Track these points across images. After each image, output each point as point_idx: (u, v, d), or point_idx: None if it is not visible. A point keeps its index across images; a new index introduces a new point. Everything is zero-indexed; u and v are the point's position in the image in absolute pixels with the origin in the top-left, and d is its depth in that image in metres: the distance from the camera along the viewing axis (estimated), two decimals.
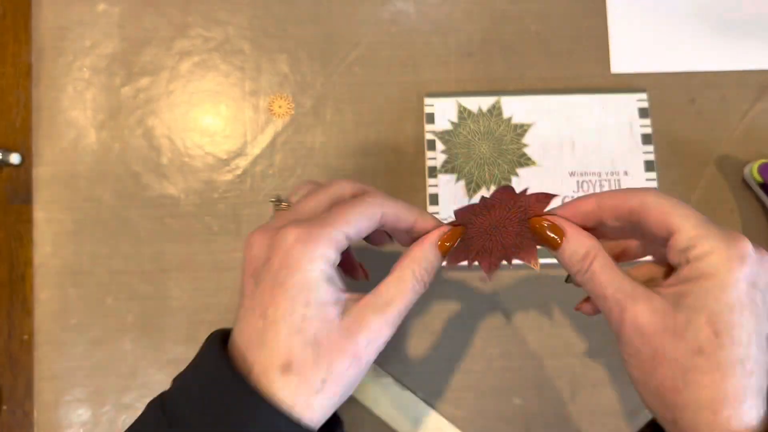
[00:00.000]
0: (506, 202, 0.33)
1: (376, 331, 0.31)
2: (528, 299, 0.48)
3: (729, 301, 0.29)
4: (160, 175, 0.49)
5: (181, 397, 0.31)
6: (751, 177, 0.48)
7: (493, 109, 0.49)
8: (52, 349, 0.47)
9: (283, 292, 0.29)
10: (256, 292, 0.30)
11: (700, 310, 0.29)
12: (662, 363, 0.30)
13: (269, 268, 0.30)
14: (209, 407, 0.29)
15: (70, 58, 0.49)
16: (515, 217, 0.33)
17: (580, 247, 0.33)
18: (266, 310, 0.30)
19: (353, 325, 0.30)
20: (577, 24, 0.50)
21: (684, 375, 0.29)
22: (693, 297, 0.30)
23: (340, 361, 0.30)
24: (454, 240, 0.34)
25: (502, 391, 0.47)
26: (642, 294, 0.31)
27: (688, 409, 0.29)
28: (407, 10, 0.50)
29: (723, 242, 0.30)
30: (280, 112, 0.49)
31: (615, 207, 0.32)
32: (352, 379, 0.31)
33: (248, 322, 0.30)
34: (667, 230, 0.31)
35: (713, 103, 0.50)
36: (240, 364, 0.30)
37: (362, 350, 0.31)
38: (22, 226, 0.49)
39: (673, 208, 0.31)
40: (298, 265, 0.29)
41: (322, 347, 0.29)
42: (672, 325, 0.30)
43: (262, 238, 0.31)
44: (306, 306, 0.29)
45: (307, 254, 0.29)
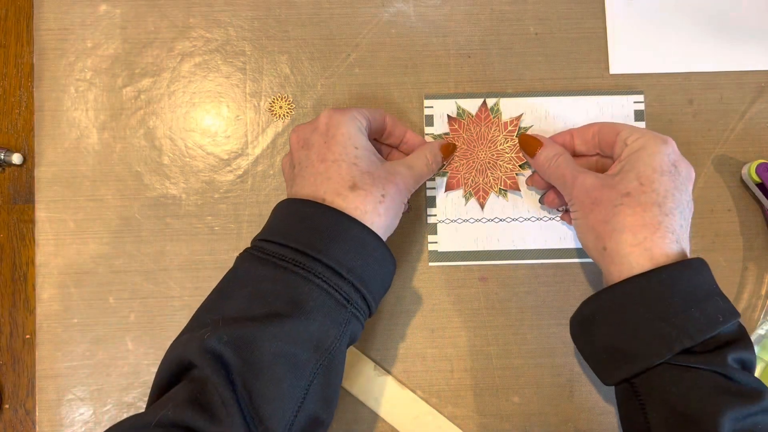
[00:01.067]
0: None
1: (407, 177, 0.41)
2: (527, 299, 0.48)
3: (653, 165, 0.39)
4: (162, 175, 0.49)
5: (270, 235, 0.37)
6: (748, 177, 0.48)
7: (493, 111, 0.49)
8: (53, 348, 0.48)
9: (335, 142, 0.39)
10: (310, 153, 0.39)
11: (631, 170, 0.39)
12: (598, 205, 0.39)
13: (317, 131, 0.39)
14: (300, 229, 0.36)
15: (72, 59, 0.50)
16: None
17: (551, 151, 0.44)
18: (325, 155, 0.38)
19: (391, 169, 0.40)
20: (576, 25, 0.50)
21: (613, 209, 0.38)
22: (627, 163, 0.40)
23: (390, 185, 0.39)
24: (451, 151, 0.47)
25: (502, 389, 0.48)
26: (590, 172, 0.42)
27: (614, 233, 0.38)
28: (407, 11, 0.50)
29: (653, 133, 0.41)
30: (280, 113, 0.50)
31: (582, 133, 0.45)
32: (397, 204, 0.40)
33: (310, 171, 0.39)
34: (616, 133, 0.42)
35: (711, 103, 0.50)
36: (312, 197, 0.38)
37: (401, 186, 0.40)
38: (24, 225, 0.49)
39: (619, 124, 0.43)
40: (340, 122, 0.39)
41: (374, 176, 0.39)
42: (609, 183, 0.40)
43: (304, 125, 0.41)
44: (356, 149, 0.39)
45: (345, 117, 0.40)
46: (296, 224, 0.37)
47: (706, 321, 0.35)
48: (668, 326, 0.35)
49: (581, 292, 0.48)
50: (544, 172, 0.45)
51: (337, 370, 0.36)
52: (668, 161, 0.39)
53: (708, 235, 0.49)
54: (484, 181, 0.49)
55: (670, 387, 0.35)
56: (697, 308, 0.36)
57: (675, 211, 0.38)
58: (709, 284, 0.37)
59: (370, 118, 0.42)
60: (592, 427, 0.47)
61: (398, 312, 0.48)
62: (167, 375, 0.35)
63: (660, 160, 0.39)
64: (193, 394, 0.32)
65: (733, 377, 0.34)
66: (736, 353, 0.35)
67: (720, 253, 0.49)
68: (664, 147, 0.40)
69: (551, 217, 0.49)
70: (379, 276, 0.38)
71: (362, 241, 0.37)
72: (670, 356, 0.35)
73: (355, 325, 0.37)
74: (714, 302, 0.36)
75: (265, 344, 0.33)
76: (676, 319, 0.35)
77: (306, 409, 0.34)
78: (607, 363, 0.38)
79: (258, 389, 0.32)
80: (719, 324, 0.35)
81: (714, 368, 0.35)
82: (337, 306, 0.36)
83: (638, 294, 0.37)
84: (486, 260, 0.49)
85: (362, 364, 0.47)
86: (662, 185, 0.38)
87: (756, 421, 0.34)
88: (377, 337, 0.48)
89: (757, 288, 0.49)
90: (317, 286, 0.35)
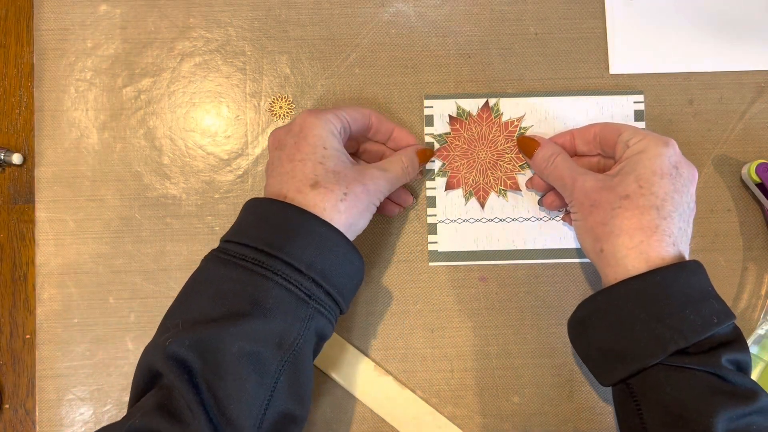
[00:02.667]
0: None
1: (378, 179, 0.41)
2: (527, 299, 0.48)
3: (653, 168, 0.39)
4: (162, 175, 0.49)
5: (233, 236, 0.38)
6: (748, 177, 0.48)
7: (493, 111, 0.49)
8: (54, 348, 0.48)
9: (306, 143, 0.39)
10: (281, 153, 0.39)
11: (631, 173, 0.39)
12: (597, 208, 0.39)
13: (290, 133, 0.40)
14: (260, 228, 0.37)
15: (72, 59, 0.50)
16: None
17: (548, 151, 0.44)
18: (293, 155, 0.39)
19: (362, 170, 0.40)
20: (576, 25, 0.50)
21: (611, 212, 0.38)
22: (627, 165, 0.40)
23: (355, 185, 0.39)
24: (427, 157, 0.47)
25: (502, 389, 0.48)
26: (589, 172, 0.42)
27: (611, 236, 0.38)
28: (407, 11, 0.50)
29: (655, 135, 0.41)
30: (281, 113, 0.50)
31: (583, 134, 0.45)
32: (363, 203, 0.39)
33: (278, 171, 0.39)
34: (618, 134, 0.42)
35: (711, 103, 0.50)
36: (276, 195, 0.38)
37: (370, 187, 0.40)
38: (24, 225, 0.49)
39: (621, 125, 0.43)
40: (313, 125, 0.39)
41: (340, 175, 0.38)
42: (608, 185, 0.40)
43: (280, 128, 0.41)
44: (324, 149, 0.39)
45: (320, 120, 0.39)
46: (257, 223, 0.38)
47: (700, 322, 0.35)
48: (663, 327, 0.36)
49: (581, 292, 0.48)
50: (543, 173, 0.45)
51: (305, 367, 0.36)
52: (669, 164, 0.39)
53: (708, 235, 0.49)
54: (485, 181, 0.49)
55: (664, 387, 0.35)
56: (691, 309, 0.36)
57: (674, 214, 0.38)
58: (705, 286, 0.37)
59: (349, 119, 0.42)
60: (592, 427, 0.47)
61: (398, 312, 0.48)
62: (141, 383, 0.35)
63: (660, 163, 0.39)
64: (161, 401, 0.33)
65: (727, 378, 0.35)
66: (731, 354, 0.35)
67: (720, 253, 0.49)
68: (665, 149, 0.40)
69: (551, 217, 0.49)
70: (343, 271, 0.38)
71: (322, 236, 0.37)
72: (665, 357, 0.36)
73: (320, 321, 0.37)
74: (709, 304, 0.36)
75: (227, 345, 0.33)
76: (671, 321, 0.36)
77: (275, 406, 0.34)
78: (604, 364, 0.39)
79: (223, 390, 0.33)
80: (714, 325, 0.35)
81: (708, 369, 0.35)
82: (297, 302, 0.36)
83: (633, 296, 0.37)
84: (486, 260, 0.49)
85: (362, 364, 0.47)
86: (662, 188, 0.38)
87: (750, 422, 0.34)
88: (377, 337, 0.48)
89: (756, 288, 0.49)
90: (276, 284, 0.35)
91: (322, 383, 0.47)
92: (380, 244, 0.49)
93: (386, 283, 0.48)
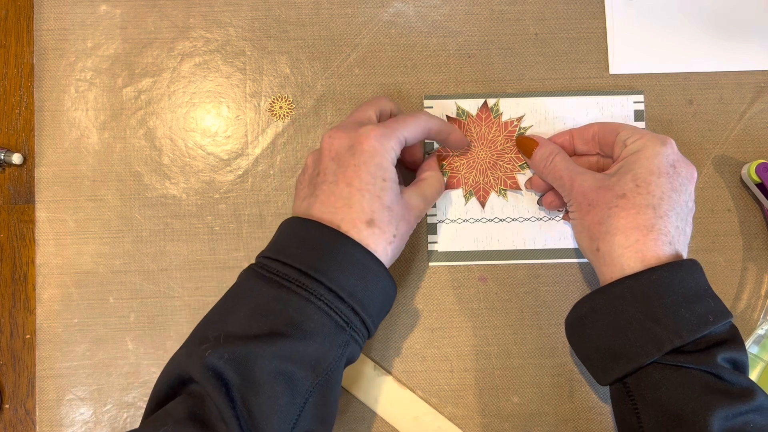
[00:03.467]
0: None
1: (420, 210, 0.42)
2: (527, 299, 0.48)
3: (651, 167, 0.39)
4: (162, 175, 0.49)
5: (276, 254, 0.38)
6: (748, 177, 0.48)
7: (493, 111, 0.49)
8: (54, 348, 0.48)
9: (366, 169, 0.38)
10: (338, 170, 0.39)
11: (628, 172, 0.39)
12: (595, 207, 0.40)
13: (354, 152, 0.39)
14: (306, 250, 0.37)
15: (72, 59, 0.50)
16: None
17: (546, 150, 0.45)
18: (352, 181, 0.38)
19: (408, 202, 0.41)
20: (576, 25, 0.50)
21: (608, 211, 0.39)
22: (625, 164, 0.40)
23: (403, 223, 0.40)
24: (442, 160, 0.48)
25: (502, 389, 0.48)
26: (588, 171, 0.42)
27: (608, 235, 0.38)
28: (407, 11, 0.50)
29: (652, 134, 0.41)
30: (281, 113, 0.50)
31: (582, 133, 0.46)
32: (405, 239, 0.41)
33: (332, 191, 0.38)
34: (616, 133, 0.42)
35: (711, 103, 0.50)
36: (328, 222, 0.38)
37: (414, 223, 0.41)
38: (25, 225, 0.49)
39: (619, 124, 0.44)
40: (377, 152, 0.39)
41: (393, 212, 0.39)
42: (606, 184, 0.40)
43: (343, 134, 0.40)
44: (384, 181, 0.39)
45: (384, 145, 0.39)
46: (302, 244, 0.37)
47: (696, 321, 0.35)
48: (658, 326, 0.36)
49: (581, 292, 0.48)
50: (542, 173, 0.45)
51: (334, 390, 0.36)
52: (666, 163, 0.39)
53: (708, 235, 0.49)
54: (485, 181, 0.49)
55: (660, 386, 0.35)
56: (687, 308, 0.36)
57: (670, 213, 0.38)
58: (701, 285, 0.37)
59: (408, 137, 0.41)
60: (592, 426, 0.47)
61: (398, 312, 0.48)
62: (165, 387, 0.35)
63: (658, 162, 0.39)
64: (192, 410, 0.33)
65: (723, 377, 0.35)
66: (727, 353, 0.35)
67: (720, 253, 0.49)
68: (663, 149, 0.40)
69: (551, 217, 0.49)
70: (379, 301, 0.38)
71: (366, 267, 0.37)
72: (660, 356, 0.36)
73: (353, 348, 0.37)
74: (705, 303, 0.36)
75: (264, 363, 0.34)
76: (666, 319, 0.36)
77: (301, 426, 0.34)
78: (601, 363, 0.39)
79: (257, 406, 0.33)
80: (710, 324, 0.35)
81: (704, 368, 0.35)
82: (336, 329, 0.36)
83: (628, 295, 0.37)
84: (486, 260, 0.49)
85: (362, 364, 0.47)
86: (659, 187, 0.39)
87: (747, 420, 0.34)
88: (377, 337, 0.48)
89: (756, 288, 0.49)
90: (318, 309, 0.35)
91: None
92: None
93: None
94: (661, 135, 0.41)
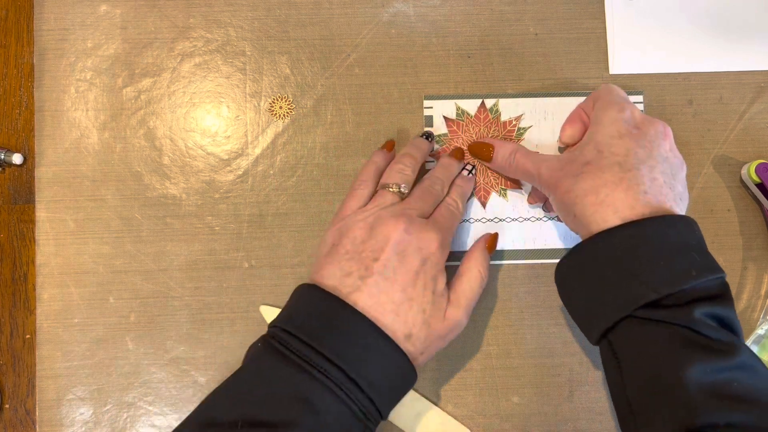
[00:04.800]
0: None
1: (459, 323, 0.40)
2: (527, 299, 0.48)
3: (610, 132, 0.39)
4: (162, 175, 0.49)
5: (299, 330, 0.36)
6: (748, 177, 0.48)
7: (492, 111, 0.49)
8: (54, 348, 0.48)
9: (424, 280, 0.38)
10: (399, 269, 0.38)
11: (589, 142, 0.40)
12: (563, 180, 0.40)
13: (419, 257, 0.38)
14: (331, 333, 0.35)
15: (72, 59, 0.50)
16: None
17: (506, 149, 0.45)
18: (406, 287, 0.38)
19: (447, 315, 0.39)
20: (576, 26, 0.50)
21: (575, 178, 0.39)
22: (586, 136, 0.41)
23: (438, 343, 0.39)
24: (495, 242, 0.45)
25: (501, 389, 0.48)
26: (552, 156, 0.43)
27: (578, 199, 0.38)
28: (407, 11, 0.50)
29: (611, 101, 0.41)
30: (280, 113, 0.50)
31: (587, 108, 0.45)
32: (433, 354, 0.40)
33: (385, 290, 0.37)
34: (590, 109, 0.43)
35: (710, 104, 0.50)
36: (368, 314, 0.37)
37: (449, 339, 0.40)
38: (25, 225, 0.49)
39: (599, 98, 0.43)
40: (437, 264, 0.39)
41: (430, 329, 0.38)
42: (570, 158, 0.40)
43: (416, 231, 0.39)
44: (432, 294, 0.38)
45: (443, 260, 0.39)
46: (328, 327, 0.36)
47: (675, 275, 0.34)
48: (634, 281, 0.35)
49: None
50: (507, 171, 0.46)
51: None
52: (626, 126, 0.39)
53: (708, 235, 0.49)
54: (485, 181, 0.49)
55: (639, 342, 0.35)
56: (666, 262, 0.35)
57: (641, 166, 0.38)
58: (686, 239, 0.36)
59: None
60: (592, 426, 0.47)
61: None
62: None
63: (617, 127, 0.39)
64: None
65: (701, 331, 0.33)
66: (709, 308, 0.34)
67: (720, 253, 0.49)
68: (620, 114, 0.40)
69: (551, 217, 0.49)
70: (399, 391, 0.38)
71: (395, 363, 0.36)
72: (634, 310, 0.35)
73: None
74: (688, 257, 0.35)
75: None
76: (643, 274, 0.35)
77: None
78: (586, 322, 0.39)
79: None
80: (691, 278, 0.34)
81: (681, 322, 0.34)
82: (354, 420, 0.35)
83: (603, 250, 0.37)
84: None
85: None
86: (621, 147, 0.38)
87: (731, 378, 0.33)
88: None
89: (756, 288, 0.49)
90: (338, 399, 0.34)
91: None
92: None
93: None
94: (621, 102, 0.41)
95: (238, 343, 0.48)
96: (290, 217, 0.49)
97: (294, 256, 0.49)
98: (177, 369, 0.48)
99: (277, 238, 0.49)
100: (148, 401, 0.47)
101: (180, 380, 0.48)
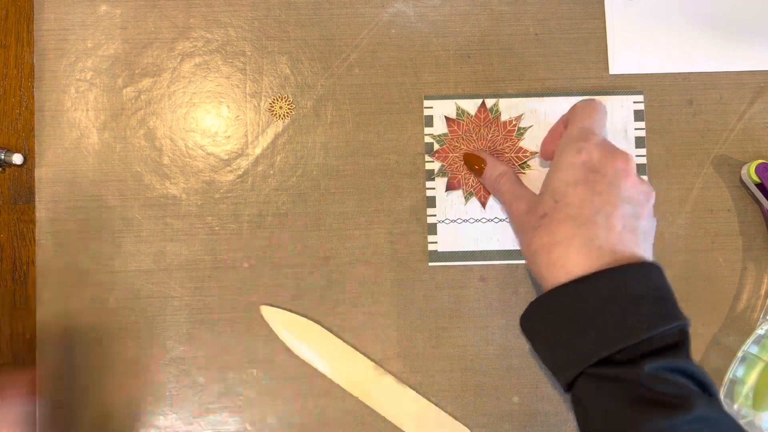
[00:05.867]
0: None
1: None
2: (527, 299, 0.48)
3: (566, 179, 0.38)
4: (162, 175, 0.49)
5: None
6: (748, 177, 0.48)
7: (492, 111, 0.49)
8: (54, 348, 0.48)
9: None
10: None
11: (547, 189, 0.40)
12: (524, 232, 0.40)
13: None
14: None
15: (73, 60, 0.50)
16: None
17: (495, 171, 0.46)
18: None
19: None
20: (576, 26, 0.50)
21: (533, 233, 0.39)
22: (545, 180, 0.41)
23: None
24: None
25: (501, 389, 0.48)
26: (525, 195, 0.43)
27: (534, 257, 0.38)
28: (407, 11, 0.50)
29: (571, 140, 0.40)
30: (280, 113, 0.50)
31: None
32: None
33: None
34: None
35: (710, 104, 0.50)
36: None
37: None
38: (25, 225, 0.49)
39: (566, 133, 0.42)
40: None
41: None
42: (532, 207, 0.40)
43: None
44: None
45: None
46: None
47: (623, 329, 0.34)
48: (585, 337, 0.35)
49: None
50: (491, 191, 0.47)
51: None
52: (582, 172, 0.38)
53: (708, 235, 0.49)
54: None
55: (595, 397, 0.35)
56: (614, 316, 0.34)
57: (596, 218, 0.37)
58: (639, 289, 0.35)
59: None
60: None
61: (398, 312, 0.48)
62: None
63: (573, 173, 0.38)
64: None
65: (652, 387, 0.33)
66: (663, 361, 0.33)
67: (719, 253, 0.49)
68: (576, 158, 0.38)
69: None
70: None
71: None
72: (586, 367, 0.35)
73: None
74: (641, 308, 0.35)
75: None
76: (593, 330, 0.35)
77: None
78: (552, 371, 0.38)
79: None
80: (641, 332, 0.34)
81: (632, 378, 0.33)
82: None
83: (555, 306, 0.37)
84: (486, 260, 0.49)
85: (362, 364, 0.47)
86: (575, 197, 0.38)
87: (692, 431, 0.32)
88: (378, 337, 0.48)
89: (756, 288, 0.49)
90: None
91: (322, 383, 0.47)
92: (380, 244, 0.49)
93: (386, 283, 0.48)
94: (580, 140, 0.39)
95: (238, 343, 0.48)
96: (290, 217, 0.49)
97: (294, 256, 0.49)
98: (177, 369, 0.48)
99: (277, 238, 0.49)
100: (148, 401, 0.47)
101: (180, 380, 0.48)
